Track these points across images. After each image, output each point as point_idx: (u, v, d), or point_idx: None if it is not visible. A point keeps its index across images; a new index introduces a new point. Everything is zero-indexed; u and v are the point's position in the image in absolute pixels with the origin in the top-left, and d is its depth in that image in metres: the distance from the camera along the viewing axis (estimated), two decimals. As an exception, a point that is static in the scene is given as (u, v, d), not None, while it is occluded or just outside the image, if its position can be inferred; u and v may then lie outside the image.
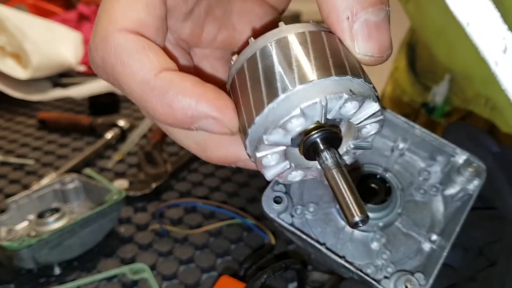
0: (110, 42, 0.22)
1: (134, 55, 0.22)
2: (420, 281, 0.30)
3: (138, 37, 0.22)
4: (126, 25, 0.22)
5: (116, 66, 0.22)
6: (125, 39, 0.22)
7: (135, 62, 0.22)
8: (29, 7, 1.12)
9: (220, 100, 0.22)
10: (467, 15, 0.47)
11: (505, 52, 0.45)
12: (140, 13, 0.22)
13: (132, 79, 0.22)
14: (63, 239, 0.43)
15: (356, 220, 0.20)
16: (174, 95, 0.21)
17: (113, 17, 0.22)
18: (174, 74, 0.22)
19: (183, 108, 0.21)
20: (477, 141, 0.36)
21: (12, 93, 0.81)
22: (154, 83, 0.21)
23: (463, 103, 0.60)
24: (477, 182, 0.33)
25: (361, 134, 0.23)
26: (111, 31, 0.22)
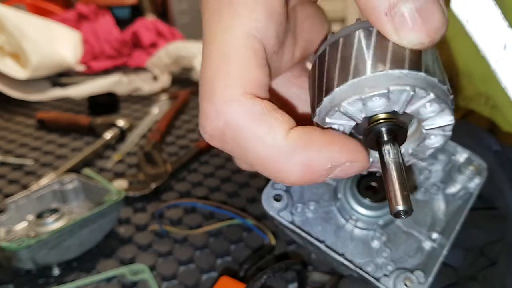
0: (235, 106, 0.20)
1: (262, 118, 0.20)
2: (419, 279, 0.29)
3: (261, 100, 0.21)
4: (248, 88, 0.21)
5: (244, 130, 0.21)
6: (251, 103, 0.21)
7: (264, 125, 0.20)
8: (28, 7, 1.12)
9: (350, 142, 0.21)
10: (467, 12, 0.47)
11: (505, 49, 0.45)
12: (256, 73, 0.21)
13: (262, 143, 0.21)
14: (62, 240, 0.43)
15: (398, 209, 0.20)
16: (312, 153, 0.20)
17: (233, 80, 0.21)
18: (300, 131, 0.21)
19: (323, 164, 0.21)
20: (478, 139, 0.36)
21: (11, 93, 0.80)
22: (286, 145, 0.20)
23: (463, 102, 0.60)
24: (478, 180, 0.33)
25: (424, 143, 0.23)
26: (235, 95, 0.20)
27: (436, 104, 0.21)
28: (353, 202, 0.33)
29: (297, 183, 0.21)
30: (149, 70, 0.94)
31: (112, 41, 1.00)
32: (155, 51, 1.00)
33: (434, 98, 0.20)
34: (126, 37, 1.03)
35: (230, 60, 0.21)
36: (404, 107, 0.21)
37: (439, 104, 0.21)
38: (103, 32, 1.02)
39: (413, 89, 0.20)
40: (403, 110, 0.21)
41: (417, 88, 0.20)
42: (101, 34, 1.01)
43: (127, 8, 1.27)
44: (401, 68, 0.20)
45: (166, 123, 0.73)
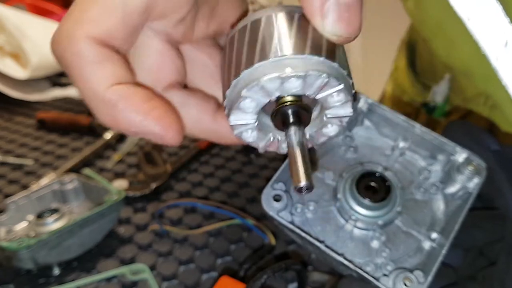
0: (73, 45, 0.22)
1: (92, 65, 0.23)
2: (419, 279, 0.29)
3: (101, 48, 0.23)
4: (95, 33, 0.22)
5: (73, 68, 0.23)
6: (89, 47, 0.22)
7: (91, 72, 0.23)
8: (28, 7, 1.12)
9: (166, 118, 0.24)
10: (468, 9, 0.47)
11: (506, 46, 0.45)
12: (113, 23, 0.23)
13: (84, 85, 0.23)
14: (62, 240, 0.43)
15: (300, 185, 0.21)
16: (121, 110, 0.23)
17: (85, 20, 0.22)
18: (126, 88, 0.23)
19: (128, 123, 0.23)
20: (477, 139, 0.36)
21: (10, 93, 0.80)
22: (104, 96, 0.23)
23: (463, 102, 0.60)
24: (477, 180, 0.33)
25: (322, 130, 0.25)
26: (78, 35, 0.22)
27: (343, 94, 0.22)
28: (352, 202, 0.33)
29: (109, 127, 0.24)
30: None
31: (112, 41, 1.01)
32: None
33: (343, 89, 0.22)
34: (126, 38, 1.03)
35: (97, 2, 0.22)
36: (316, 92, 0.22)
37: (346, 96, 0.22)
38: (103, 32, 1.02)
39: (328, 77, 0.21)
40: (314, 95, 0.22)
41: (331, 77, 0.21)
42: (101, 34, 1.02)
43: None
44: (319, 55, 0.21)
45: (166, 123, 0.73)
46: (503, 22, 0.45)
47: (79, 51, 0.22)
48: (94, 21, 0.22)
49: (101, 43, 0.23)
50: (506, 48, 0.45)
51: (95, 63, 0.23)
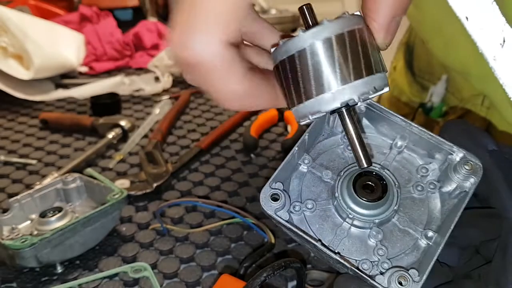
0: (211, 50, 0.24)
1: (230, 67, 0.25)
2: (414, 277, 0.30)
3: (233, 49, 0.25)
4: (227, 35, 0.24)
5: (212, 72, 0.25)
6: (226, 51, 0.24)
7: (230, 73, 0.25)
8: (31, 9, 1.13)
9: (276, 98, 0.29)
10: (466, 8, 0.47)
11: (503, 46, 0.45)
12: (237, 24, 0.24)
13: (224, 85, 0.25)
14: (65, 238, 0.44)
15: (364, 167, 0.28)
16: (253, 101, 0.27)
17: (216, 24, 0.24)
18: (254, 82, 0.27)
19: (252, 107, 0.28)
20: (474, 139, 0.36)
21: (14, 94, 0.81)
22: (239, 91, 0.26)
23: (460, 102, 0.61)
24: (473, 179, 0.33)
25: None
26: (214, 40, 0.24)
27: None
28: (349, 201, 0.33)
29: (230, 109, 0.28)
30: (150, 71, 0.95)
31: (114, 43, 1.01)
32: (157, 52, 1.00)
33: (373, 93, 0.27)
34: (128, 39, 1.04)
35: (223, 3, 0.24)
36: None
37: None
38: (106, 34, 1.03)
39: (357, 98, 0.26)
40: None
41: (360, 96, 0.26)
42: (104, 36, 1.02)
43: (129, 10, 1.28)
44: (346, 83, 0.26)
45: (167, 123, 0.74)
46: (500, 22, 0.45)
47: (219, 55, 0.24)
48: (224, 24, 0.23)
49: (231, 44, 0.24)
50: (503, 48, 0.45)
51: (232, 64, 0.25)
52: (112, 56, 1.01)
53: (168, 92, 0.89)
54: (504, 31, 0.45)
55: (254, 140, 0.67)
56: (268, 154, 0.67)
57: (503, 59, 0.46)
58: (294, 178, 0.35)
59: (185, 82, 0.93)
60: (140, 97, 0.87)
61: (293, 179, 0.35)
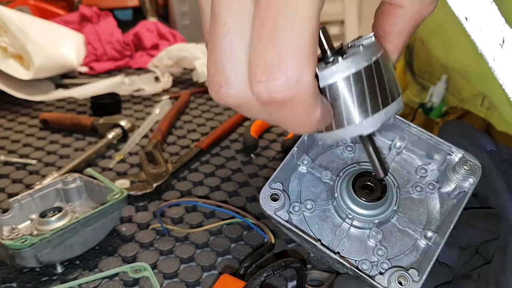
0: (306, 87, 0.22)
1: (316, 99, 0.24)
2: (413, 277, 0.30)
3: (316, 81, 0.23)
4: (315, 67, 0.23)
5: (299, 107, 0.23)
6: (314, 83, 0.23)
7: (315, 105, 0.24)
8: (31, 9, 1.13)
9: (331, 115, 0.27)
10: (465, 9, 0.47)
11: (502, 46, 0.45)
12: (316, 50, 0.23)
13: (306, 116, 0.24)
14: (65, 238, 0.44)
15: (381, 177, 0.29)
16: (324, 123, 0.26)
17: (308, 59, 0.22)
18: (328, 107, 0.26)
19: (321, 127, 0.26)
20: (472, 139, 0.36)
21: (14, 94, 0.81)
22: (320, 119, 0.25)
23: (460, 103, 0.61)
24: (472, 180, 0.33)
25: None
26: (309, 76, 0.22)
27: None
28: (349, 202, 0.33)
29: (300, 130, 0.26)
30: (150, 71, 0.95)
31: (114, 43, 1.01)
32: (157, 52, 1.00)
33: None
34: (128, 39, 1.04)
35: (305, 34, 0.22)
36: None
37: None
38: (106, 34, 1.03)
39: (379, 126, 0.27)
40: None
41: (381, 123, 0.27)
42: (104, 36, 1.02)
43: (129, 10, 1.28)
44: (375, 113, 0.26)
45: (168, 123, 0.74)
46: (499, 22, 0.45)
47: (310, 87, 0.22)
48: (310, 59, 0.22)
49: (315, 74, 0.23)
50: (502, 48, 0.45)
51: (317, 93, 0.24)
52: (112, 56, 1.01)
53: (168, 92, 0.89)
54: (504, 31, 0.45)
55: (254, 140, 0.67)
56: (268, 154, 0.67)
57: (502, 59, 0.46)
58: (294, 178, 0.35)
59: (185, 82, 0.93)
60: (140, 97, 0.87)
61: (293, 179, 0.35)
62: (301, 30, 0.22)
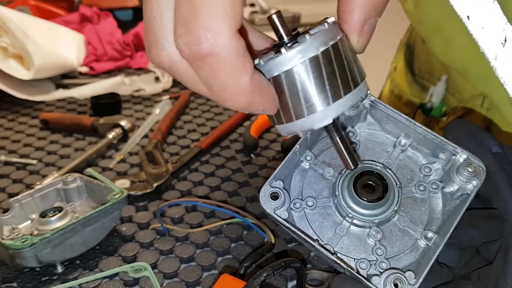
0: (226, 41, 0.22)
1: (242, 58, 0.23)
2: (410, 280, 0.30)
3: (240, 39, 0.23)
4: (234, 26, 0.22)
5: (223, 65, 0.23)
6: (238, 42, 0.23)
7: (241, 65, 0.23)
8: (32, 9, 1.13)
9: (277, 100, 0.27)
10: (467, 8, 0.47)
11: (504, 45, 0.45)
12: (241, 12, 0.23)
13: (235, 77, 0.24)
14: (65, 238, 0.44)
15: (351, 169, 0.29)
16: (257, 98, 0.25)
17: (223, 15, 0.22)
18: (258, 79, 0.25)
19: (258, 106, 0.26)
20: (478, 140, 0.36)
21: (14, 94, 0.81)
22: (248, 85, 0.24)
23: (460, 103, 0.61)
24: (475, 182, 0.33)
25: None
26: (224, 32, 0.22)
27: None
28: (349, 200, 0.33)
29: (233, 107, 0.26)
30: (151, 71, 0.95)
31: (115, 43, 1.01)
32: (157, 52, 1.00)
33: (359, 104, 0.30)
34: (128, 39, 1.04)
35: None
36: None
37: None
38: (106, 34, 1.03)
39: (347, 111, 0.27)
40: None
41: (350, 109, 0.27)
42: (104, 36, 1.02)
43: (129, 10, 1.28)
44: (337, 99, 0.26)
45: (168, 123, 0.74)
46: (501, 21, 0.45)
47: (231, 44, 0.22)
48: (230, 14, 0.22)
49: (238, 33, 0.23)
50: (504, 47, 0.45)
51: (243, 55, 0.23)
52: (112, 56, 1.01)
53: (168, 92, 0.89)
54: (506, 30, 0.45)
55: (254, 140, 0.67)
56: (268, 154, 0.67)
57: (504, 58, 0.46)
58: (296, 174, 0.35)
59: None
60: (140, 97, 0.87)
61: (295, 175, 0.35)
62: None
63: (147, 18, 0.25)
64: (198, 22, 0.22)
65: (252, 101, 0.25)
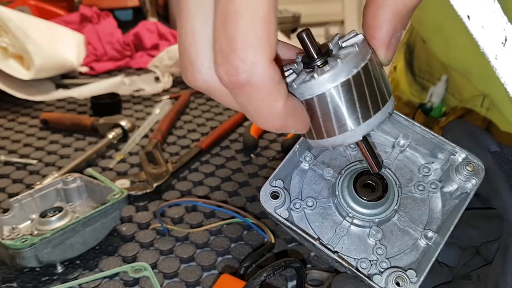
0: (263, 71, 0.23)
1: (277, 85, 0.24)
2: (411, 278, 0.30)
3: (278, 68, 0.24)
4: (271, 53, 0.23)
5: (259, 92, 0.24)
6: (274, 71, 0.23)
7: (276, 92, 0.24)
8: (32, 9, 1.13)
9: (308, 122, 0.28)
10: (467, 7, 0.47)
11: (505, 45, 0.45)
12: (275, 36, 0.24)
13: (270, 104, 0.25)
14: (65, 238, 0.44)
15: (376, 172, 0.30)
16: (291, 121, 0.26)
17: (262, 45, 0.23)
18: (292, 103, 0.26)
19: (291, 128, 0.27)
20: (476, 140, 0.36)
21: (14, 94, 0.81)
22: (282, 111, 0.25)
23: (460, 103, 0.61)
24: (474, 181, 0.33)
25: None
26: (262, 60, 0.23)
27: None
28: (349, 200, 0.33)
29: (269, 130, 0.27)
30: (151, 71, 0.95)
31: (115, 43, 1.01)
32: (157, 52, 1.00)
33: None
34: (128, 39, 1.04)
35: (256, 20, 0.23)
36: None
37: None
38: (106, 34, 1.03)
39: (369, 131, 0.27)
40: None
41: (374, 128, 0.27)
42: (104, 36, 1.02)
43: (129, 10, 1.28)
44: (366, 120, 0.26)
45: (168, 123, 0.74)
46: (502, 21, 0.45)
47: (268, 73, 0.23)
48: (265, 45, 0.23)
49: (273, 62, 0.24)
50: (504, 47, 0.45)
51: (279, 82, 0.24)
52: (112, 56, 1.01)
53: (168, 92, 0.89)
54: (506, 29, 0.45)
55: (254, 140, 0.67)
56: (268, 154, 0.67)
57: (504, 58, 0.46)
58: (296, 175, 0.35)
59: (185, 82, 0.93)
60: (140, 97, 0.87)
61: (294, 176, 0.35)
62: (252, 15, 0.22)
63: (182, 42, 0.25)
64: (237, 54, 0.23)
65: (286, 124, 0.26)
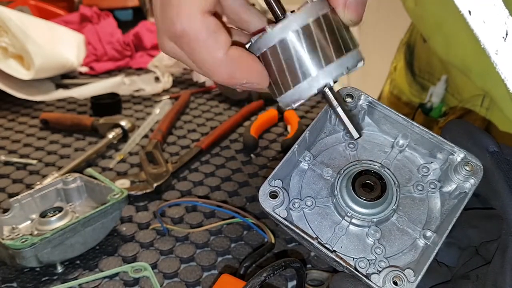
0: (194, 21, 0.26)
1: (213, 34, 0.27)
2: (409, 278, 0.30)
3: (214, 19, 0.27)
4: (206, 6, 0.26)
5: (196, 41, 0.27)
6: (207, 20, 0.27)
7: (213, 40, 0.27)
8: (32, 9, 1.13)
9: (263, 73, 0.29)
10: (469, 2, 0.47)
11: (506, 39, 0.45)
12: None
13: (208, 53, 0.27)
14: (65, 238, 0.44)
15: (356, 137, 0.29)
16: (237, 71, 0.28)
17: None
18: (236, 53, 0.28)
19: (240, 79, 0.28)
20: (475, 140, 0.36)
21: (14, 94, 0.81)
22: (224, 59, 0.27)
23: (460, 103, 0.60)
24: (473, 180, 0.33)
25: None
26: (195, 12, 0.26)
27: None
28: (348, 200, 0.33)
29: (219, 82, 0.29)
30: (151, 71, 0.95)
31: (115, 43, 1.01)
32: (157, 52, 1.00)
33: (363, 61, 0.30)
34: (128, 39, 1.04)
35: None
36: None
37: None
38: (106, 34, 1.03)
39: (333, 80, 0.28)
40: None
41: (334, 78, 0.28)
42: (104, 36, 1.02)
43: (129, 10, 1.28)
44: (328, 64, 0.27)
45: (168, 123, 0.74)
46: (503, 15, 0.45)
47: (201, 23, 0.26)
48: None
49: (211, 14, 0.27)
50: (505, 42, 0.45)
51: (215, 32, 0.27)
52: (112, 56, 1.01)
53: (168, 92, 0.89)
54: (507, 24, 0.44)
55: (254, 140, 0.67)
56: (268, 154, 0.67)
57: (505, 53, 0.45)
58: (295, 175, 0.35)
59: (185, 82, 0.93)
60: (140, 97, 0.87)
61: (294, 176, 0.35)
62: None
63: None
64: (172, 8, 0.26)
65: (232, 74, 0.28)
